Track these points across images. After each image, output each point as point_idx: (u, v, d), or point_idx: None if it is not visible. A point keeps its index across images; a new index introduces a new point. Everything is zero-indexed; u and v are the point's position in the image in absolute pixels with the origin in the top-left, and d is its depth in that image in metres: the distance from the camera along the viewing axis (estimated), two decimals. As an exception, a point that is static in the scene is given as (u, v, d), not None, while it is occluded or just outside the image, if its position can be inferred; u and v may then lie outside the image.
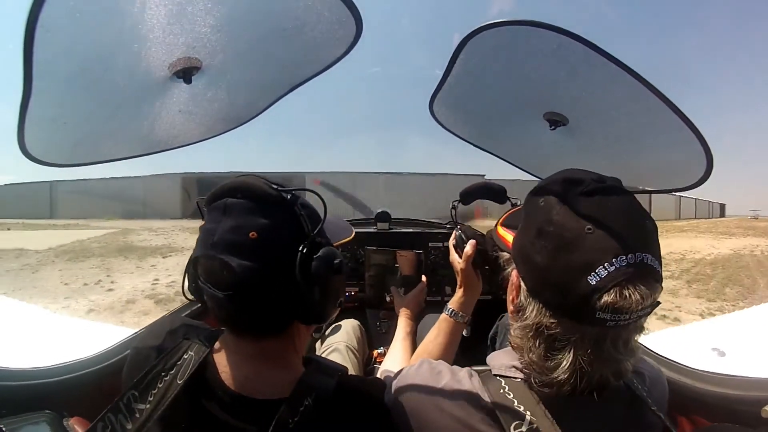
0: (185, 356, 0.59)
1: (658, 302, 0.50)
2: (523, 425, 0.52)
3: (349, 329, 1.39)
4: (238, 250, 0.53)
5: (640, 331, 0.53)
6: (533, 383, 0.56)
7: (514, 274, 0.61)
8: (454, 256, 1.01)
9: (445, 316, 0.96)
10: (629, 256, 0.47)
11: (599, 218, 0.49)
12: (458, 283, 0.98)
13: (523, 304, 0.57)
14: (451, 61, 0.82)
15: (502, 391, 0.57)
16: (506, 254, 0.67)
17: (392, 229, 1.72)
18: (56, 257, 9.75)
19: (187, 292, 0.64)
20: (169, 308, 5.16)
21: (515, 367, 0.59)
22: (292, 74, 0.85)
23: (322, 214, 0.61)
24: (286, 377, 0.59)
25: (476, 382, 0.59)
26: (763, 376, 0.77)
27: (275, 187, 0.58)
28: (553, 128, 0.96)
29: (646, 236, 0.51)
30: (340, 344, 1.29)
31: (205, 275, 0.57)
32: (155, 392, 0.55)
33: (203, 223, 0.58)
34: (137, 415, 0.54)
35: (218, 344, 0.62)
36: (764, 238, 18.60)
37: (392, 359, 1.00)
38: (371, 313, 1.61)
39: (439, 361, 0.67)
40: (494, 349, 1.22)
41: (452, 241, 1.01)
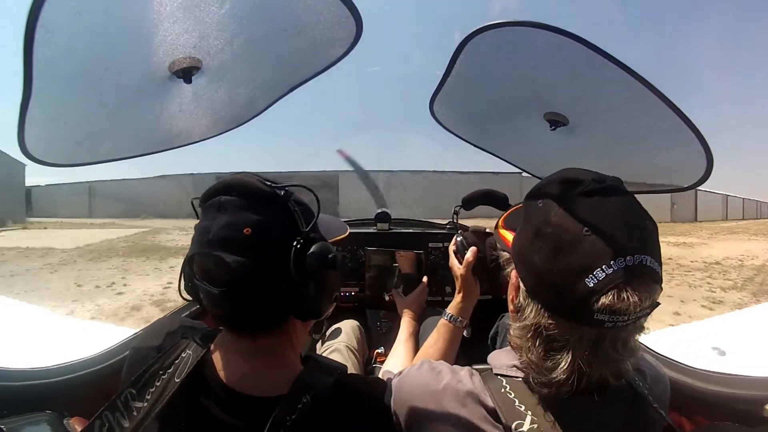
0: (183, 355, 0.59)
1: (657, 303, 0.50)
2: (524, 425, 0.52)
3: (349, 330, 1.39)
4: (232, 246, 0.53)
5: (639, 331, 0.53)
6: (533, 383, 0.56)
7: (513, 274, 0.61)
8: (454, 261, 1.01)
9: (444, 321, 0.96)
10: (627, 258, 0.47)
11: (597, 220, 0.49)
12: (457, 288, 0.98)
13: (522, 304, 0.57)
14: (451, 61, 0.82)
15: (503, 390, 0.56)
16: (506, 254, 0.67)
17: (392, 229, 1.72)
18: (79, 257, 9.70)
19: (183, 291, 0.63)
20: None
21: (516, 366, 0.59)
22: (292, 74, 0.85)
23: (316, 211, 0.61)
24: (284, 375, 0.58)
25: (477, 381, 0.59)
26: (763, 375, 0.77)
27: (269, 183, 0.58)
28: (553, 128, 0.96)
29: (645, 237, 0.50)
30: (340, 344, 1.29)
31: (200, 273, 0.57)
32: (153, 390, 0.55)
33: (198, 221, 0.58)
34: (135, 413, 0.54)
35: (216, 343, 0.62)
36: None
37: (395, 360, 1.00)
38: (371, 313, 1.61)
39: (439, 361, 0.66)
40: (495, 348, 1.22)
41: (453, 246, 1.01)
